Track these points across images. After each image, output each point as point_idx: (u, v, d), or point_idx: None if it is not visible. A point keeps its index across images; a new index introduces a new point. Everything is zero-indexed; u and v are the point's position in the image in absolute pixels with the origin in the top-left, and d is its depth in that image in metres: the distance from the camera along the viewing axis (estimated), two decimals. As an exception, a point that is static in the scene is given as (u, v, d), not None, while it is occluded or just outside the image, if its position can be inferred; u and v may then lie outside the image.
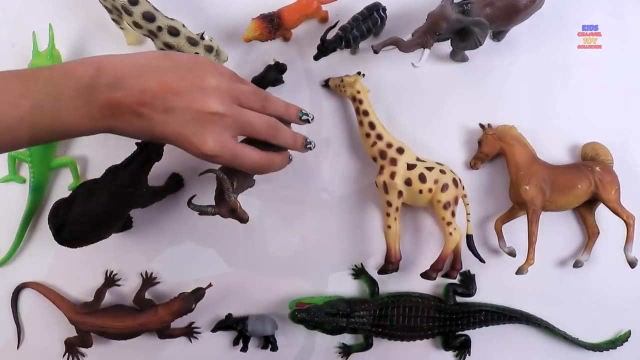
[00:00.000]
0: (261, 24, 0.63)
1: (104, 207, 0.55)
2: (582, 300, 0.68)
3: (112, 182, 0.55)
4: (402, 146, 0.62)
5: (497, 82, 0.69)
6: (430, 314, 0.64)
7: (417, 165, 0.62)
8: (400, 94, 0.69)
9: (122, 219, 0.60)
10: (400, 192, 0.62)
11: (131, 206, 0.60)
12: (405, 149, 0.62)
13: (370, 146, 0.63)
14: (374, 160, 0.64)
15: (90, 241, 0.57)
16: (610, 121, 0.69)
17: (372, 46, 0.60)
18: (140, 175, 0.57)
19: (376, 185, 0.63)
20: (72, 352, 0.65)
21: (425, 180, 0.61)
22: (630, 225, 0.64)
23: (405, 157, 0.62)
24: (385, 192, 0.63)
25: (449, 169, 0.63)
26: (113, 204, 0.56)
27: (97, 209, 0.55)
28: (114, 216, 0.58)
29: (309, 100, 0.68)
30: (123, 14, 0.61)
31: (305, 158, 0.63)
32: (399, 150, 0.62)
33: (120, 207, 0.58)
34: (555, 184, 0.64)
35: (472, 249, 0.64)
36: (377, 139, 0.62)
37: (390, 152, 0.62)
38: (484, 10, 0.62)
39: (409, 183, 0.61)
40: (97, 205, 0.55)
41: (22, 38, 0.67)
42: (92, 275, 0.66)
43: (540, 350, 0.68)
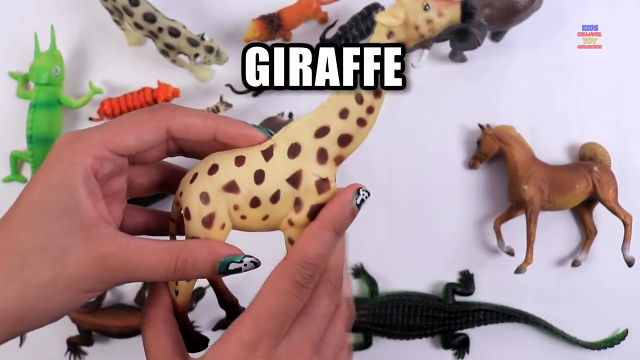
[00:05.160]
0: (261, 25, 0.64)
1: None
2: (580, 299, 0.68)
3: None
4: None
5: (496, 82, 0.70)
6: (429, 313, 0.65)
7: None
8: (399, 94, 0.69)
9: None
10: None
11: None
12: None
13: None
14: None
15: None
16: (608, 121, 0.69)
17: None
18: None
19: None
20: (74, 351, 0.65)
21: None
22: (627, 225, 0.64)
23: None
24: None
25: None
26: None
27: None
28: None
29: (309, 100, 0.68)
30: (124, 15, 0.61)
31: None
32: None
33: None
34: (553, 184, 0.64)
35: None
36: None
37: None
38: (482, 10, 0.62)
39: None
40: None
41: (23, 39, 0.67)
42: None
43: (539, 349, 0.69)
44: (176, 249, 0.26)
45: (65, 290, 0.25)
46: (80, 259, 0.25)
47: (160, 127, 0.28)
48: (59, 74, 0.64)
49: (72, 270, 0.25)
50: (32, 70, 0.63)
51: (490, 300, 0.68)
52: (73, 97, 0.66)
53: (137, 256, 0.25)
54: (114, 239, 0.26)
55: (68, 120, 0.67)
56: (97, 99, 0.67)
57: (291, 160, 0.29)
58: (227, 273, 0.27)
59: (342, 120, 0.30)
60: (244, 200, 0.28)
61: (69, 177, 0.25)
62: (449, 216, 0.68)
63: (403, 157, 0.68)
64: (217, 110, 0.65)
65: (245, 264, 0.27)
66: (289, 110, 0.67)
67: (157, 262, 0.26)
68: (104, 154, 0.27)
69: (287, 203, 0.29)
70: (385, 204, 0.68)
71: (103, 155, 0.27)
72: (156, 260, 0.26)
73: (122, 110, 0.65)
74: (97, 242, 0.25)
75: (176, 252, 0.26)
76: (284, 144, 0.29)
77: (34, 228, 0.25)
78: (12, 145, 0.66)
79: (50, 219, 0.25)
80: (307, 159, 0.29)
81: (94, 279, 0.25)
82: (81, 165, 0.26)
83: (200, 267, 0.26)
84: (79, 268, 0.25)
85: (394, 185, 0.68)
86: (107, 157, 0.27)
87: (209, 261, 0.27)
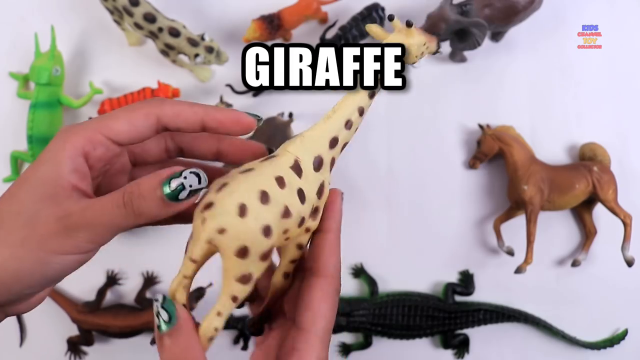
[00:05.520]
0: (261, 25, 0.64)
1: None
2: (579, 299, 0.68)
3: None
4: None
5: (496, 82, 0.70)
6: (429, 312, 0.65)
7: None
8: (399, 94, 0.69)
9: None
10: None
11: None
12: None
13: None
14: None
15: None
16: (608, 122, 0.69)
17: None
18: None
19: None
20: (74, 351, 0.65)
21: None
22: (627, 225, 0.64)
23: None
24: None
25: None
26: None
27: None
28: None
29: (308, 100, 0.68)
30: (124, 15, 0.61)
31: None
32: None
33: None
34: (553, 184, 0.64)
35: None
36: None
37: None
38: (482, 11, 0.62)
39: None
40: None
41: (24, 39, 0.67)
42: (93, 275, 0.67)
43: (539, 349, 0.69)
44: (126, 186, 0.27)
45: (34, 250, 0.26)
46: (48, 219, 0.26)
47: (150, 114, 0.29)
48: (59, 74, 0.65)
49: (40, 230, 0.26)
50: (33, 70, 0.63)
51: (490, 300, 0.68)
52: (73, 98, 0.66)
53: (95, 203, 0.27)
54: (80, 199, 0.27)
55: (68, 120, 0.68)
56: (97, 99, 0.67)
57: (317, 174, 0.30)
58: (176, 197, 0.26)
59: (347, 131, 0.31)
60: (294, 223, 0.28)
61: (57, 154, 0.27)
62: (449, 216, 0.68)
63: (403, 157, 0.69)
64: None
65: (185, 176, 0.26)
66: (289, 110, 0.67)
67: (109, 201, 0.26)
68: (95, 136, 0.28)
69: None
70: (385, 204, 0.68)
71: (95, 138, 0.28)
72: (108, 200, 0.26)
73: None
74: (64, 205, 0.26)
75: (125, 187, 0.27)
76: (307, 157, 0.29)
77: (14, 197, 0.27)
78: (12, 145, 0.66)
79: (30, 189, 0.27)
80: (326, 170, 0.30)
81: (61, 235, 0.26)
82: (71, 144, 0.27)
83: (145, 194, 0.26)
84: (46, 227, 0.26)
85: (394, 185, 0.68)
86: (99, 140, 0.28)
87: (152, 184, 0.26)
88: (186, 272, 0.28)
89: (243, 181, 0.27)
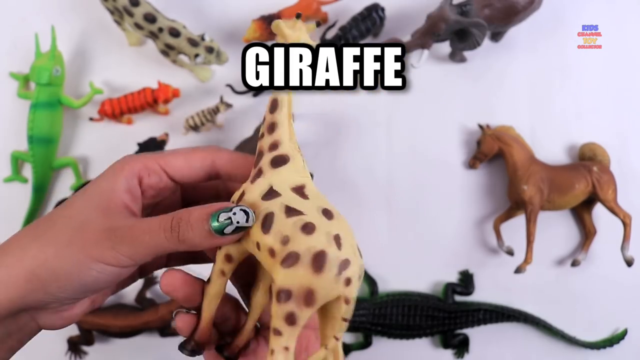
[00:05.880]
0: (261, 25, 0.64)
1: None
2: (579, 299, 0.68)
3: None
4: (291, 156, 0.30)
5: (495, 82, 0.70)
6: (429, 312, 0.65)
7: (281, 196, 0.28)
8: (399, 94, 0.69)
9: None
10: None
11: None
12: (292, 160, 0.30)
13: (259, 137, 0.32)
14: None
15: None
16: (608, 122, 0.70)
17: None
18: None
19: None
20: (74, 350, 0.66)
21: (268, 229, 0.27)
22: (627, 225, 0.64)
23: (279, 174, 0.29)
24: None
25: (338, 231, 0.27)
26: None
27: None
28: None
29: (308, 100, 0.69)
30: (124, 16, 0.61)
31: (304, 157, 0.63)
32: (278, 159, 0.30)
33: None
34: (553, 184, 0.64)
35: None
36: (267, 130, 0.31)
37: (266, 158, 0.30)
38: (482, 11, 0.63)
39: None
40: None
41: (24, 39, 0.67)
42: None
43: (538, 349, 0.69)
44: (177, 211, 0.28)
45: (77, 253, 0.27)
46: (96, 227, 0.28)
47: (207, 158, 0.31)
48: (59, 74, 0.65)
49: (87, 235, 0.27)
50: (33, 70, 0.64)
51: (490, 300, 0.68)
52: (74, 98, 0.66)
53: (143, 222, 0.28)
54: (130, 217, 0.29)
55: (68, 120, 0.68)
56: (97, 99, 0.67)
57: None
58: (222, 231, 0.27)
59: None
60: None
61: (115, 173, 0.30)
62: (449, 216, 0.68)
63: (403, 157, 0.69)
64: (217, 110, 0.65)
65: (235, 212, 0.27)
66: (289, 110, 0.67)
67: (156, 223, 0.28)
68: (152, 165, 0.31)
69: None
70: (385, 204, 0.68)
71: (151, 166, 0.31)
72: (156, 221, 0.28)
73: (123, 110, 0.65)
74: (114, 219, 0.28)
75: (175, 213, 0.28)
76: (297, 154, 0.30)
77: (70, 205, 0.29)
78: (12, 146, 0.67)
79: (86, 199, 0.29)
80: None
81: (105, 245, 0.27)
82: (129, 166, 0.30)
83: (194, 223, 0.27)
84: (93, 234, 0.27)
85: (394, 185, 0.68)
86: (155, 169, 0.31)
87: (202, 215, 0.27)
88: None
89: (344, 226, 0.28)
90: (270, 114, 0.31)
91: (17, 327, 0.29)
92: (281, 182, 0.28)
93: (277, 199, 0.27)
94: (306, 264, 0.25)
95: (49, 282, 0.27)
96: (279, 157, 0.29)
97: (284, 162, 0.29)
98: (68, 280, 0.27)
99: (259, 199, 0.28)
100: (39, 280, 0.27)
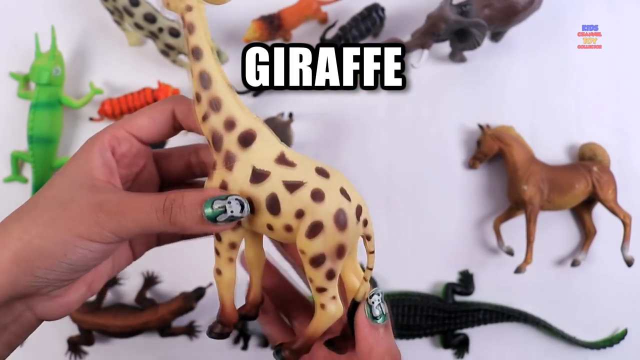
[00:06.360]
0: (261, 25, 0.64)
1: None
2: (579, 299, 0.68)
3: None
4: (255, 128, 0.29)
5: (495, 82, 0.70)
6: (429, 312, 0.65)
7: (271, 173, 0.28)
8: (399, 94, 0.69)
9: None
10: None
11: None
12: (259, 133, 0.28)
13: (201, 119, 0.29)
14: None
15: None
16: (608, 122, 0.70)
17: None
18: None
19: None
20: (74, 350, 0.65)
21: (277, 210, 0.27)
22: (627, 225, 0.64)
23: (254, 152, 0.28)
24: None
25: (340, 184, 0.29)
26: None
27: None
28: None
29: (308, 100, 0.69)
30: (124, 16, 0.61)
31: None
32: (246, 137, 0.28)
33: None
34: (553, 184, 0.64)
35: (351, 326, 0.31)
36: (210, 108, 0.29)
37: (229, 139, 0.28)
38: (482, 11, 0.63)
39: (251, 208, 0.28)
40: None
41: (24, 39, 0.67)
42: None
43: (538, 349, 0.69)
44: (169, 192, 0.27)
45: (61, 230, 0.27)
46: (82, 203, 0.27)
47: (167, 109, 0.31)
48: (59, 74, 0.65)
49: (72, 212, 0.27)
50: (33, 70, 0.64)
51: (490, 300, 0.68)
52: (74, 98, 0.66)
53: (132, 197, 0.27)
54: (116, 191, 0.29)
55: (68, 120, 0.68)
56: (97, 99, 0.67)
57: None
58: (214, 219, 0.26)
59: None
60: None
61: (88, 150, 0.29)
62: (449, 216, 0.68)
63: (403, 157, 0.69)
64: None
65: (230, 201, 0.26)
66: (289, 110, 0.67)
67: (149, 202, 0.27)
68: (119, 132, 0.30)
69: None
70: (385, 204, 0.68)
71: (119, 134, 0.30)
72: (148, 200, 0.27)
73: (123, 110, 0.65)
74: (100, 194, 0.28)
75: (168, 193, 0.27)
76: (258, 123, 0.29)
77: (51, 185, 0.29)
78: (12, 146, 0.67)
79: (67, 179, 0.29)
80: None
81: (91, 221, 0.27)
82: (98, 141, 0.30)
83: (187, 206, 0.26)
84: (79, 210, 0.27)
85: (394, 185, 0.68)
86: (123, 135, 0.30)
87: (196, 200, 0.26)
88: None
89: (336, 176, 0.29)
90: (205, 90, 0.29)
91: (13, 318, 0.29)
92: (262, 160, 0.28)
93: (269, 178, 0.27)
94: (330, 226, 0.27)
95: (36, 263, 0.27)
96: (245, 134, 0.28)
97: (252, 138, 0.28)
98: (54, 259, 0.27)
99: (247, 184, 0.27)
100: (25, 262, 0.26)
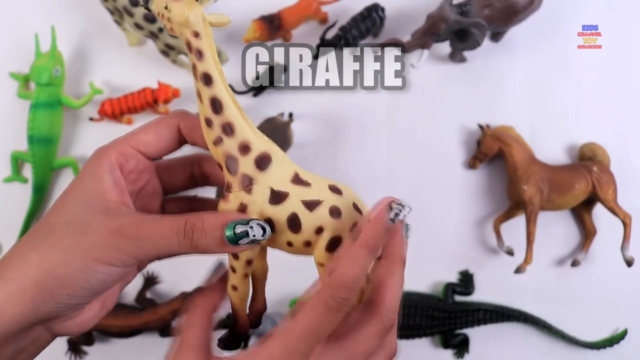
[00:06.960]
0: (261, 25, 0.64)
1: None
2: (579, 299, 0.68)
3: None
4: (269, 151, 0.30)
5: (495, 82, 0.70)
6: (429, 312, 0.65)
7: (289, 194, 0.29)
8: (399, 94, 0.69)
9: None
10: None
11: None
12: (273, 155, 0.30)
13: (212, 143, 0.30)
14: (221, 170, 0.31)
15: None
16: (608, 122, 0.70)
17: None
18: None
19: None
20: (74, 350, 0.66)
21: (298, 228, 0.30)
22: (627, 225, 0.64)
23: (270, 174, 0.29)
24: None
25: (352, 200, 0.32)
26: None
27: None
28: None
29: (308, 100, 0.69)
30: (124, 16, 0.61)
31: (303, 157, 0.63)
32: (262, 160, 0.29)
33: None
34: (553, 184, 0.64)
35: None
36: (223, 132, 0.29)
37: (245, 162, 0.29)
38: (482, 11, 0.63)
39: (272, 227, 0.29)
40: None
41: (24, 39, 0.67)
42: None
43: (538, 349, 0.69)
44: (188, 216, 0.27)
45: (81, 256, 0.26)
46: (100, 229, 0.27)
47: (173, 124, 0.31)
48: (59, 74, 0.65)
49: (90, 237, 0.27)
50: (33, 70, 0.64)
51: (490, 300, 0.68)
52: (74, 98, 0.66)
53: (151, 222, 0.27)
54: (132, 214, 0.28)
55: (68, 120, 0.68)
56: (97, 99, 0.67)
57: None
58: (237, 242, 0.27)
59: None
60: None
61: (97, 169, 0.29)
62: (449, 216, 0.68)
63: (403, 157, 0.69)
64: None
65: (252, 226, 0.27)
66: (289, 110, 0.67)
67: (168, 225, 0.27)
68: (126, 149, 0.30)
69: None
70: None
71: (126, 151, 0.30)
72: (167, 224, 0.27)
73: (123, 110, 0.65)
74: (116, 217, 0.27)
75: (187, 217, 0.27)
76: (271, 145, 0.30)
77: (65, 209, 0.28)
78: (12, 146, 0.67)
79: (81, 202, 0.28)
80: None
81: (110, 246, 0.26)
82: (107, 159, 0.29)
83: (208, 230, 0.27)
84: (97, 236, 0.27)
85: (394, 185, 0.68)
86: (130, 152, 0.30)
87: (217, 224, 0.27)
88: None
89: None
90: (216, 115, 0.29)
91: (30, 341, 0.29)
92: (279, 181, 0.29)
93: (289, 198, 0.29)
94: (348, 239, 0.29)
95: (57, 290, 0.26)
96: (261, 157, 0.29)
97: (268, 161, 0.29)
98: (76, 286, 0.27)
99: (266, 205, 0.28)
100: (47, 291, 0.26)
